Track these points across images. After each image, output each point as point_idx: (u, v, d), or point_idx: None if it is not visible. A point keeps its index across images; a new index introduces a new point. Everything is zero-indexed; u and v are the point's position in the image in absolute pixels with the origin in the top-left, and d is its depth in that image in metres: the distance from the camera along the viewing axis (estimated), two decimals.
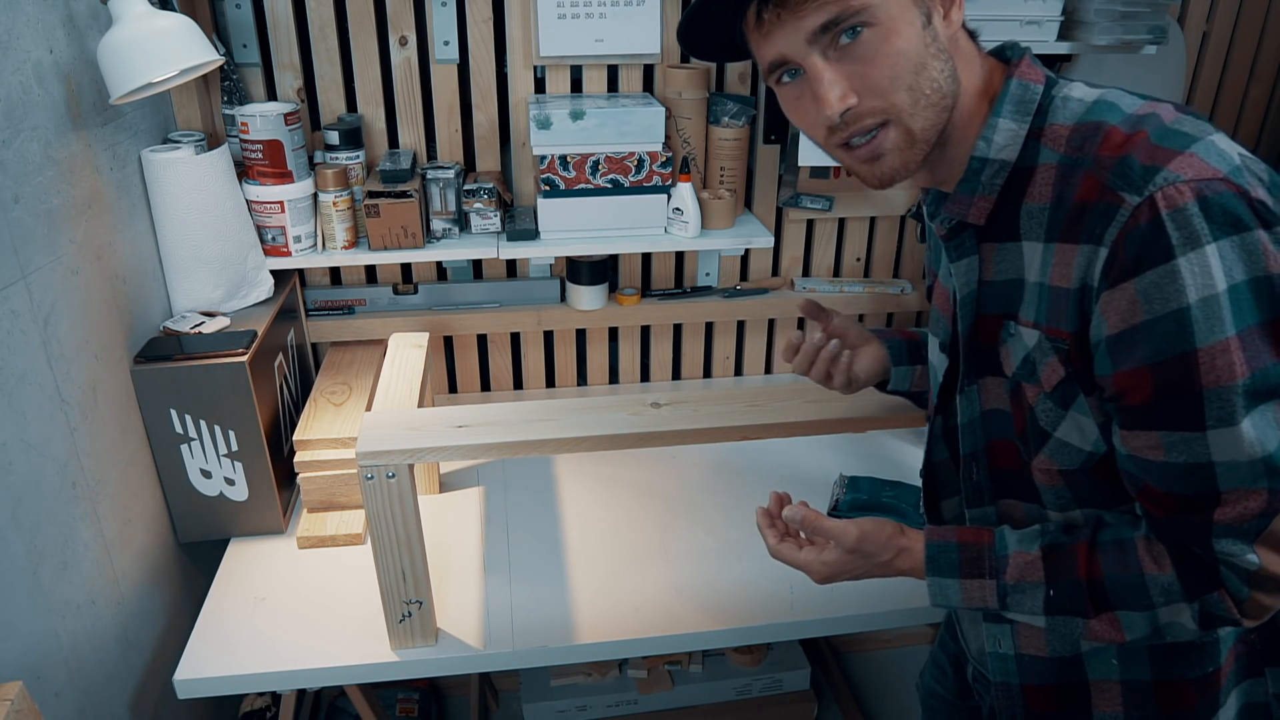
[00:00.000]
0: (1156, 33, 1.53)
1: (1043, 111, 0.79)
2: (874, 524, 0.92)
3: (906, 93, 0.76)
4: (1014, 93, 0.80)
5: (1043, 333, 0.80)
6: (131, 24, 1.16)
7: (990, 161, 0.80)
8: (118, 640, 1.23)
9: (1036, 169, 0.79)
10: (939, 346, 0.96)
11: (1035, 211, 0.79)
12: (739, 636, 1.31)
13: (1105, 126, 0.75)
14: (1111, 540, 0.82)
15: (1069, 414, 0.81)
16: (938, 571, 0.89)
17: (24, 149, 1.07)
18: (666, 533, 1.48)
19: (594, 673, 1.98)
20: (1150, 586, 0.79)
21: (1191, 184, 0.69)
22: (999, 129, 0.80)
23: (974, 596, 0.88)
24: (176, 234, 1.40)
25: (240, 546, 1.44)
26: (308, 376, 1.72)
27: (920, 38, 0.75)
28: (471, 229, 1.61)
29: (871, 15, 0.74)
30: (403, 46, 1.57)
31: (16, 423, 1.02)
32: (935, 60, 0.76)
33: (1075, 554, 0.83)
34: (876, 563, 0.92)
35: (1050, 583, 0.84)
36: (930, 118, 0.78)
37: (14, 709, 0.84)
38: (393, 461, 1.09)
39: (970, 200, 0.82)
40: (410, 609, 1.20)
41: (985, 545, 0.88)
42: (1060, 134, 0.78)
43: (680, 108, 1.62)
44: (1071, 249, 0.75)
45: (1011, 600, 0.86)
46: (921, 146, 0.80)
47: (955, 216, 0.84)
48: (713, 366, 1.96)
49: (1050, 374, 0.80)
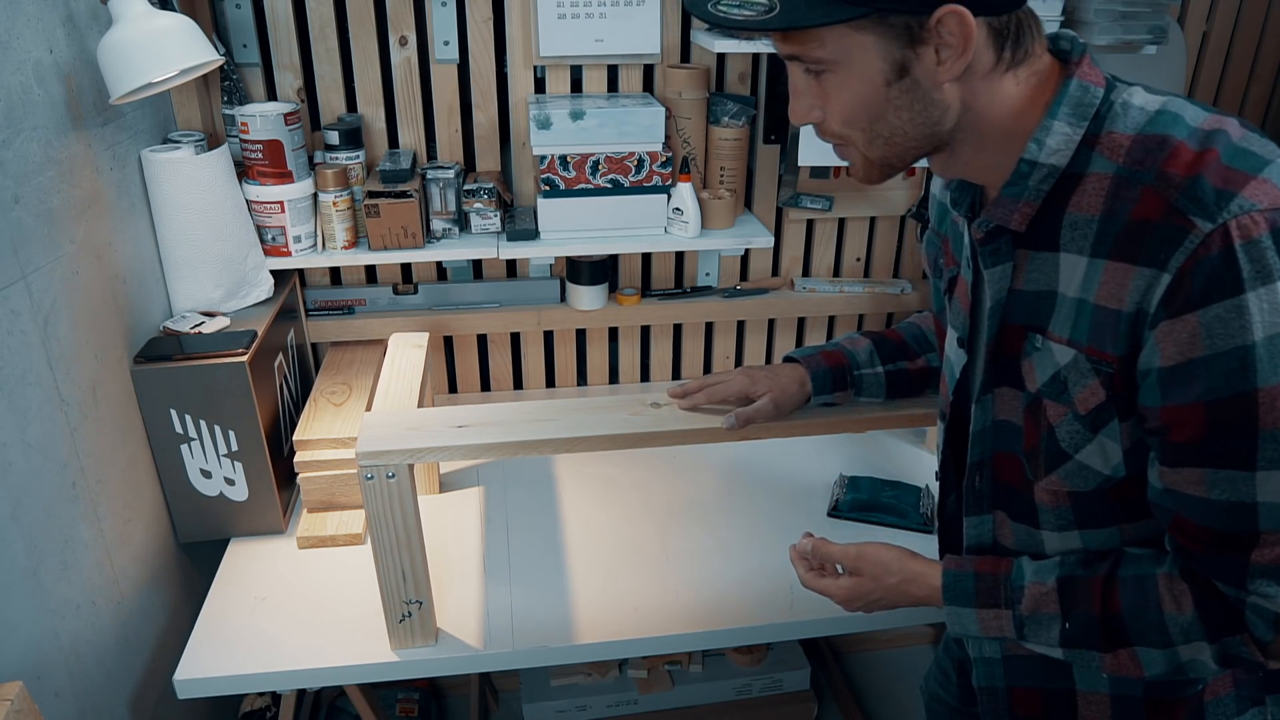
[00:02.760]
0: (1156, 33, 1.53)
1: (1099, 117, 0.75)
2: (875, 544, 0.95)
3: (860, 132, 0.78)
4: (1073, 94, 0.75)
5: (1082, 352, 0.76)
6: (131, 24, 1.16)
7: (1040, 165, 0.76)
8: (118, 640, 1.23)
9: (1086, 177, 0.75)
10: (957, 341, 0.93)
11: (1081, 223, 0.75)
12: (739, 636, 1.31)
13: (1172, 141, 0.71)
14: (1131, 576, 0.80)
15: (1097, 438, 0.78)
16: (954, 600, 0.89)
17: (24, 149, 1.07)
18: (666, 533, 1.48)
19: (594, 673, 1.98)
20: (1170, 626, 0.78)
21: (1267, 214, 0.66)
22: (1053, 131, 0.75)
23: (991, 626, 0.87)
24: (176, 234, 1.40)
25: (240, 546, 1.44)
26: (308, 376, 1.72)
27: (880, 93, 0.75)
28: (471, 229, 1.61)
29: (829, 65, 0.75)
30: (403, 46, 1.57)
31: (16, 423, 1.02)
32: (902, 111, 0.75)
33: (1091, 588, 0.82)
34: (889, 585, 0.93)
35: (1066, 616, 0.83)
36: (890, 150, 0.79)
37: (14, 709, 0.84)
38: (393, 461, 1.09)
39: (1015, 205, 0.78)
40: (410, 609, 1.20)
41: (1002, 575, 0.87)
42: (1119, 143, 0.73)
43: (680, 108, 1.62)
44: (1126, 269, 0.71)
45: (1028, 631, 0.85)
46: (884, 170, 0.81)
47: (996, 220, 0.80)
48: (713, 366, 1.96)
49: (1088, 396, 0.77)
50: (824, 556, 0.98)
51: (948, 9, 0.69)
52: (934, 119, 0.76)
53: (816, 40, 0.73)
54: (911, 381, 1.18)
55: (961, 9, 0.69)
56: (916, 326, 1.21)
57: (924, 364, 1.18)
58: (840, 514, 1.52)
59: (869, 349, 1.17)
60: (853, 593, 0.96)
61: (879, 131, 0.77)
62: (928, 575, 0.91)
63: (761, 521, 1.50)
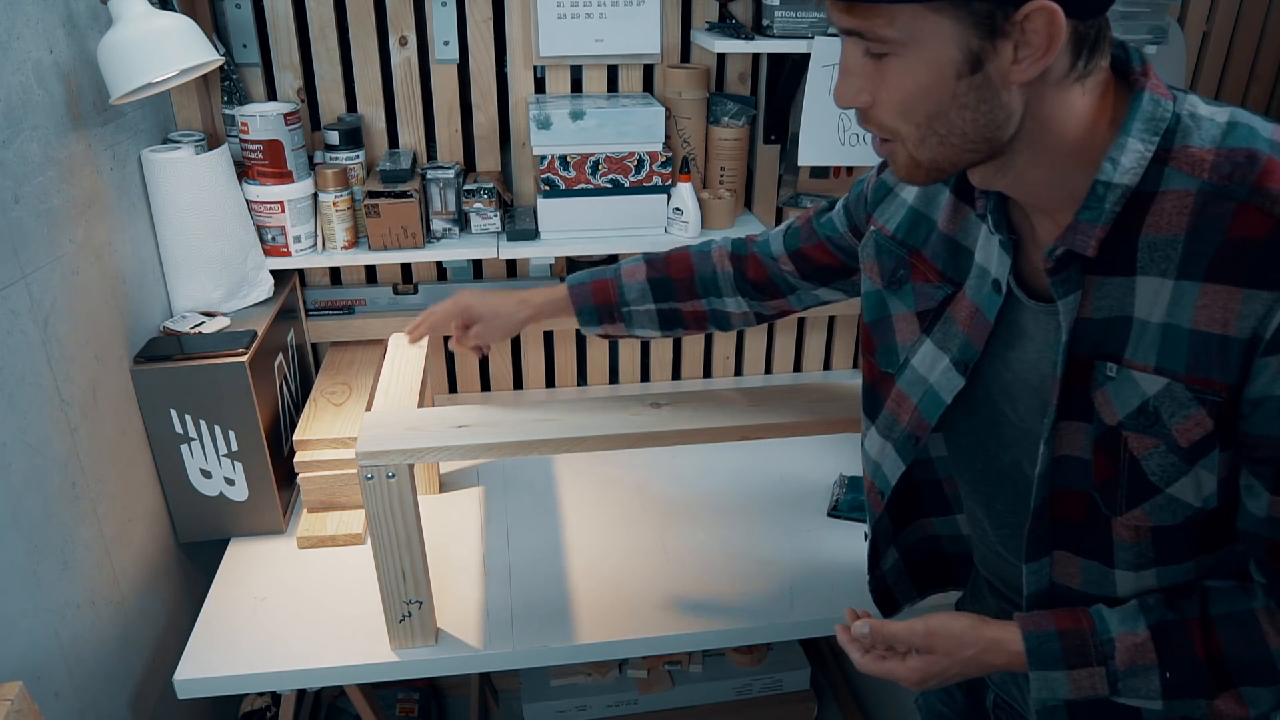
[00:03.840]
0: (1156, 33, 1.53)
1: (1170, 132, 0.70)
2: (944, 618, 0.86)
3: (914, 128, 0.71)
4: (1145, 110, 0.70)
5: (1178, 381, 0.71)
6: (131, 24, 1.17)
7: (1114, 186, 0.71)
8: (118, 640, 1.23)
9: (1161, 195, 0.70)
10: (952, 364, 0.87)
11: (1161, 244, 0.70)
12: (739, 636, 1.31)
13: (1261, 156, 0.67)
14: (1228, 613, 0.77)
15: (1194, 470, 0.74)
16: (1042, 665, 0.81)
17: (24, 149, 1.07)
18: (666, 533, 1.48)
19: (594, 673, 1.98)
20: (1279, 661, 0.75)
21: None
22: (1127, 150, 0.70)
23: (1083, 686, 0.81)
24: (176, 234, 1.40)
25: (240, 546, 1.44)
26: (308, 376, 1.72)
27: (949, 86, 0.68)
28: (471, 229, 1.61)
29: (894, 47, 0.68)
30: (403, 46, 1.57)
31: (16, 423, 1.02)
32: (966, 110, 0.69)
33: (1190, 631, 0.77)
34: (963, 659, 0.85)
35: (1164, 664, 0.78)
36: (943, 153, 0.72)
37: (14, 709, 0.84)
38: (393, 461, 1.09)
39: (1092, 229, 0.72)
40: (410, 609, 1.20)
41: (1087, 630, 0.81)
42: (1200, 158, 0.69)
43: (680, 108, 1.62)
44: (1232, 291, 0.67)
45: (1124, 685, 0.79)
46: (932, 173, 0.74)
47: (1068, 246, 0.73)
48: (713, 366, 1.96)
49: (1191, 427, 0.72)
50: (887, 639, 0.87)
51: (1039, 4, 0.64)
52: (997, 123, 0.70)
53: (886, 16, 0.67)
54: (685, 322, 1.20)
55: (1054, 6, 0.64)
56: (712, 267, 1.17)
57: (702, 308, 1.18)
58: (840, 514, 1.51)
59: (642, 287, 1.18)
60: (926, 673, 0.86)
61: (936, 129, 0.71)
62: (1006, 641, 0.84)
63: (761, 522, 1.50)
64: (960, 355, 0.86)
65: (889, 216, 0.95)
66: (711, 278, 1.17)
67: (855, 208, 1.03)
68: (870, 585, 1.10)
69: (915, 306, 0.92)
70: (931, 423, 0.91)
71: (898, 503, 1.02)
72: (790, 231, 1.13)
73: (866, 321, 0.98)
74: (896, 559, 1.09)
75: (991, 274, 0.82)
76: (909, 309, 0.92)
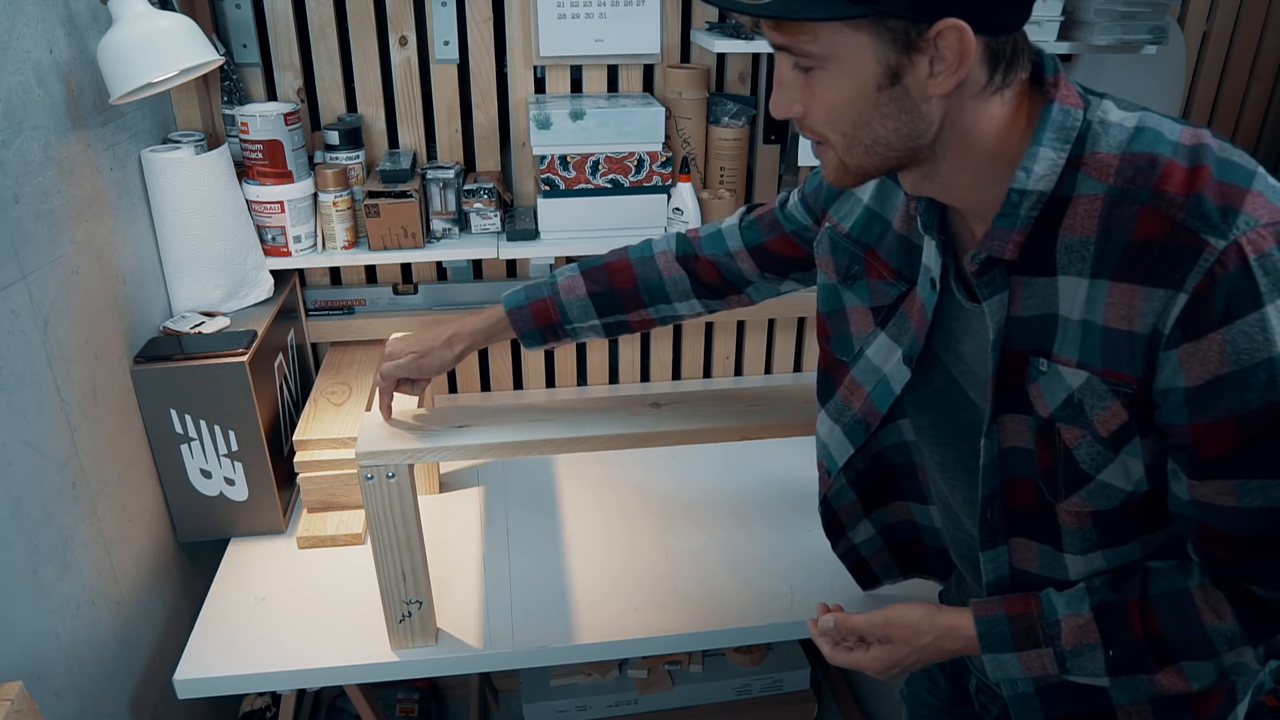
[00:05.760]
0: (1156, 33, 1.53)
1: (1081, 138, 0.74)
2: (902, 608, 0.92)
3: (841, 136, 0.75)
4: (1055, 119, 0.74)
5: (1096, 374, 0.75)
6: (131, 24, 1.17)
7: (1029, 193, 0.75)
8: (118, 640, 1.23)
9: (1074, 199, 0.74)
10: (902, 358, 0.92)
11: (1076, 245, 0.74)
12: (739, 636, 1.31)
13: (1162, 159, 0.71)
14: (1165, 593, 0.80)
15: (1119, 457, 0.77)
16: (993, 647, 0.87)
17: (24, 149, 1.07)
18: (666, 533, 1.48)
19: (594, 673, 1.98)
20: (1214, 637, 0.78)
21: (1270, 227, 0.67)
22: (1039, 158, 0.74)
23: (1034, 666, 0.85)
24: (176, 234, 1.40)
25: (240, 546, 1.44)
26: (308, 376, 1.72)
27: (870, 98, 0.72)
28: (471, 229, 1.61)
29: (819, 62, 0.72)
30: (403, 46, 1.57)
31: (16, 423, 1.02)
32: (888, 120, 0.73)
33: (1129, 611, 0.81)
34: (923, 645, 0.91)
35: (1107, 643, 0.82)
36: (868, 159, 0.76)
37: (14, 709, 0.84)
38: (393, 461, 1.09)
39: (1009, 235, 0.76)
40: (410, 609, 1.20)
41: (1035, 614, 0.86)
42: (1107, 163, 0.73)
43: (680, 108, 1.62)
44: (1134, 289, 0.71)
45: (1072, 665, 0.84)
46: (859, 177, 0.79)
47: (989, 252, 0.78)
48: (713, 366, 1.96)
49: (1108, 417, 0.76)
50: (849, 631, 0.94)
51: (949, 22, 0.67)
52: (918, 132, 0.74)
53: (809, 34, 0.71)
54: (632, 329, 1.20)
55: (962, 24, 0.67)
56: (658, 273, 1.15)
57: (650, 316, 1.17)
58: None
59: (584, 303, 1.15)
60: (888, 662, 0.92)
61: (860, 138, 0.75)
62: (960, 626, 0.89)
63: (761, 521, 1.50)
64: (909, 349, 0.91)
65: (844, 214, 0.99)
66: (659, 285, 1.16)
67: (813, 200, 1.06)
68: (840, 555, 1.20)
69: (870, 301, 0.97)
70: (882, 411, 0.97)
71: (866, 481, 1.08)
72: (747, 225, 1.13)
73: (821, 311, 1.03)
74: (873, 534, 1.15)
75: (932, 272, 0.87)
76: (863, 303, 0.97)
